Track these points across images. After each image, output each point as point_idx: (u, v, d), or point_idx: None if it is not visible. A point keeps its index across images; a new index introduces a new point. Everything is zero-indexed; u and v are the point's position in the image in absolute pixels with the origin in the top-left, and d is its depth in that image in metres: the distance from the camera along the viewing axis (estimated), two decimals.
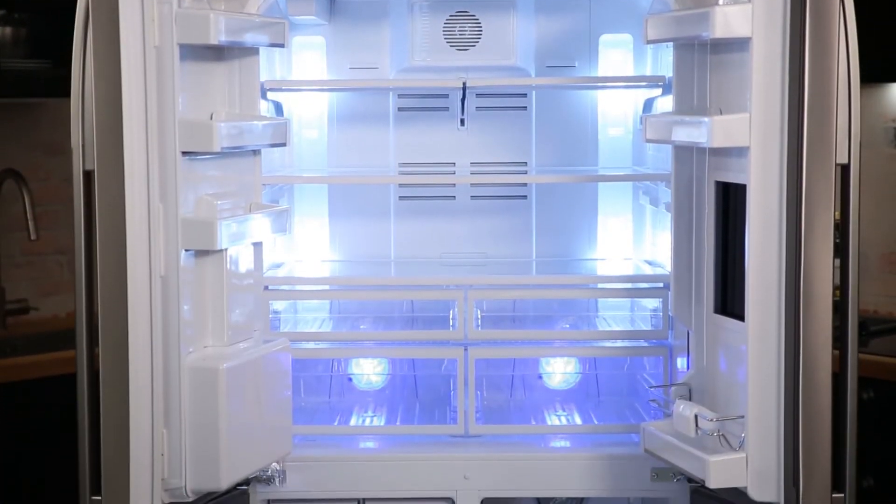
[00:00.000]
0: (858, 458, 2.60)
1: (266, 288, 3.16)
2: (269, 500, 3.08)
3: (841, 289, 2.60)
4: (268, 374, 2.84)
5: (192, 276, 2.66)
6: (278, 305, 3.41)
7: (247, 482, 2.99)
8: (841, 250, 2.58)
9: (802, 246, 2.47)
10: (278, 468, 3.02)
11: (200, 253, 2.67)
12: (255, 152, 2.90)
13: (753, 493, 2.56)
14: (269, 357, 2.84)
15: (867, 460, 2.74)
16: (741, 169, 2.60)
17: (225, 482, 2.64)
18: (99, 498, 2.56)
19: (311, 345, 3.29)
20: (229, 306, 2.74)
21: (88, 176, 2.57)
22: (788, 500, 2.52)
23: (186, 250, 2.61)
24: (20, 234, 4.14)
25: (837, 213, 2.51)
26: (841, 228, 2.60)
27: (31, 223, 4.06)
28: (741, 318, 2.61)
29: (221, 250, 2.69)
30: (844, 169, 2.54)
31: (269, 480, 3.02)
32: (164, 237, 2.54)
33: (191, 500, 2.64)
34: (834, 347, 2.52)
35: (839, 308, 2.58)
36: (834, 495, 2.53)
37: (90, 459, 2.60)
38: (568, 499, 3.55)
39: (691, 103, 2.84)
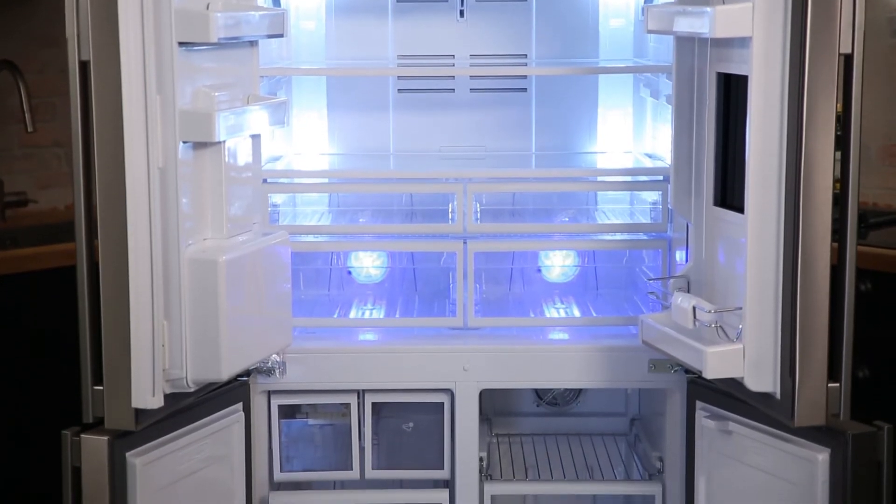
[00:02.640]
0: (854, 348, 2.61)
1: (265, 181, 3.15)
2: (269, 391, 3.12)
3: (841, 181, 2.59)
4: (267, 267, 2.85)
5: (191, 168, 2.64)
6: (277, 199, 3.41)
7: (247, 373, 3.02)
8: (842, 142, 2.56)
9: (803, 138, 2.45)
10: (278, 360, 3.05)
11: (199, 145, 2.66)
12: (253, 43, 2.87)
13: (750, 384, 2.59)
14: (268, 250, 2.85)
15: (863, 351, 2.75)
16: (743, 60, 2.57)
17: (226, 373, 2.66)
18: (101, 388, 2.58)
19: (310, 238, 3.29)
20: (228, 199, 2.73)
21: (84, 67, 2.54)
22: (784, 390, 2.54)
23: (184, 142, 2.59)
24: (17, 126, 4.12)
25: (839, 104, 2.49)
26: (842, 120, 2.58)
27: (27, 115, 4.03)
28: (741, 210, 2.60)
29: (219, 142, 2.67)
30: (847, 59, 2.50)
31: (269, 372, 3.05)
32: (162, 129, 2.52)
33: (192, 390, 2.66)
34: (833, 240, 2.52)
35: (839, 200, 2.57)
36: (829, 385, 2.55)
37: (91, 350, 2.62)
38: (565, 390, 3.60)
39: None
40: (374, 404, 3.14)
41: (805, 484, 2.65)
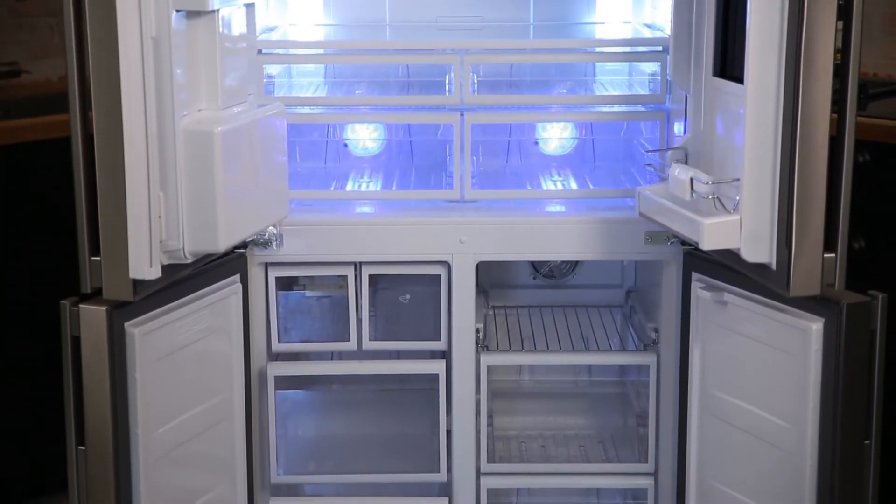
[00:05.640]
0: (851, 219, 2.61)
1: (259, 52, 3.12)
2: (266, 264, 3.12)
3: (842, 51, 2.56)
4: (263, 138, 2.84)
5: (185, 38, 2.61)
6: (272, 70, 3.37)
7: (244, 245, 3.02)
8: (844, 12, 2.53)
9: (805, 6, 2.42)
10: (275, 232, 3.05)
11: (192, 14, 2.62)
12: None
13: (746, 255, 2.59)
14: (263, 121, 2.83)
15: (860, 222, 2.76)
16: None
17: (223, 244, 2.67)
18: (98, 258, 2.58)
19: (305, 110, 3.26)
20: (223, 70, 2.71)
21: None
22: (780, 260, 2.55)
23: (177, 11, 2.56)
24: None
25: None
26: None
27: None
28: (740, 80, 2.58)
29: (213, 11, 2.64)
30: None
31: (266, 244, 3.05)
32: None
33: (189, 261, 2.67)
34: (832, 110, 2.50)
35: (839, 71, 2.55)
36: (825, 255, 2.55)
37: (88, 221, 2.61)
38: (562, 262, 3.61)
39: None
40: (371, 276, 3.15)
41: (799, 353, 2.68)
